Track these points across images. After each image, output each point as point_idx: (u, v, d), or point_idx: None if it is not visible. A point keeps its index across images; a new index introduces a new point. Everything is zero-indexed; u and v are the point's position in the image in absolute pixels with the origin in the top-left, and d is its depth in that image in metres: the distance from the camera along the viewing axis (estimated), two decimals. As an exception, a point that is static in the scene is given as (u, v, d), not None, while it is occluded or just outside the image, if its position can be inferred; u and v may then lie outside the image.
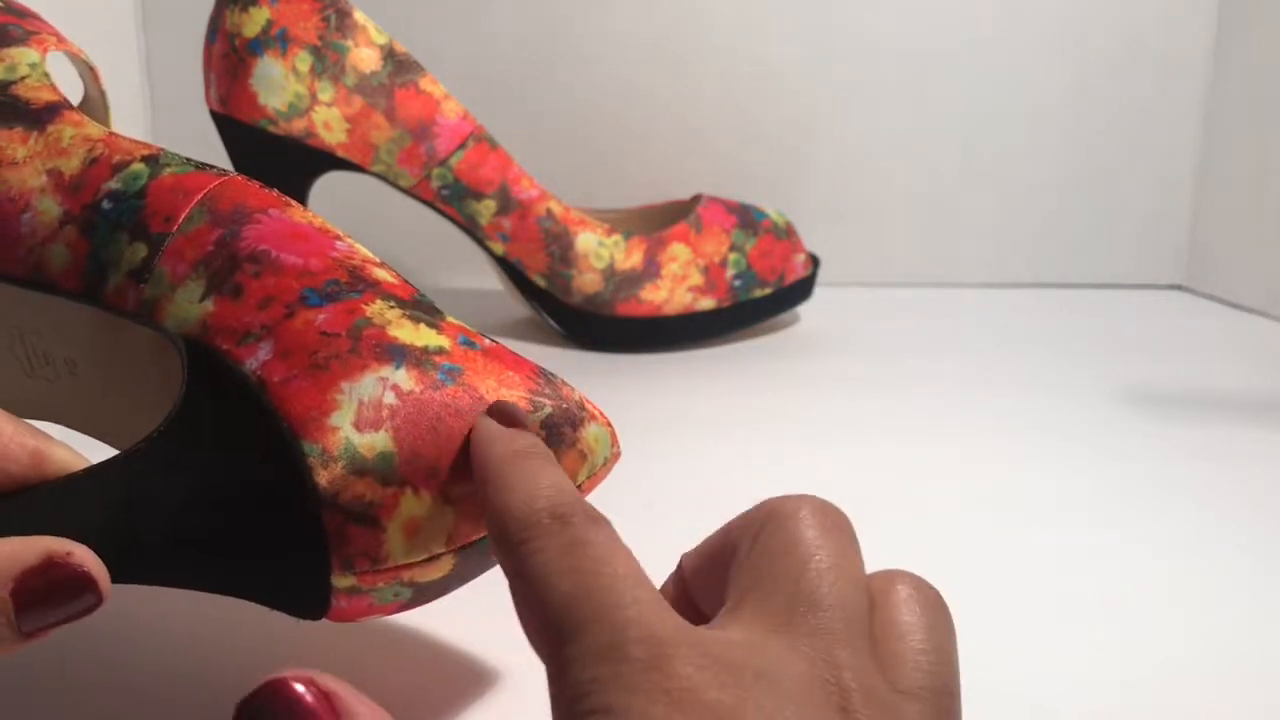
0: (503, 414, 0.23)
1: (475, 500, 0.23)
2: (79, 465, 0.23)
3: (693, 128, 0.76)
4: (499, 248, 0.58)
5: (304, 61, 0.53)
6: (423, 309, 0.26)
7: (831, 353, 0.61)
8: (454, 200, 0.57)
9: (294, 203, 0.27)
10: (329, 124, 0.53)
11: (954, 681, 0.19)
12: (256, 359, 0.23)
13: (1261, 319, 0.71)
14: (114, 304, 0.25)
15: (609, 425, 0.27)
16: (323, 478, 0.22)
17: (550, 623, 0.18)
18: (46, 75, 0.29)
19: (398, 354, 0.24)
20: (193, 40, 0.57)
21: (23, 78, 0.28)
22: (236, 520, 0.22)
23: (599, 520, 0.19)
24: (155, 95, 0.74)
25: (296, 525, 0.22)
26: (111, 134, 0.28)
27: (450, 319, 0.26)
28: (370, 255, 0.27)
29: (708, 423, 0.49)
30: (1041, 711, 0.27)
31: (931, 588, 0.20)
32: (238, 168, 0.55)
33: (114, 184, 0.26)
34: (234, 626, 0.30)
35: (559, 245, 0.58)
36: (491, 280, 0.68)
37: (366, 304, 0.25)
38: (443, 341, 0.25)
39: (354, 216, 0.74)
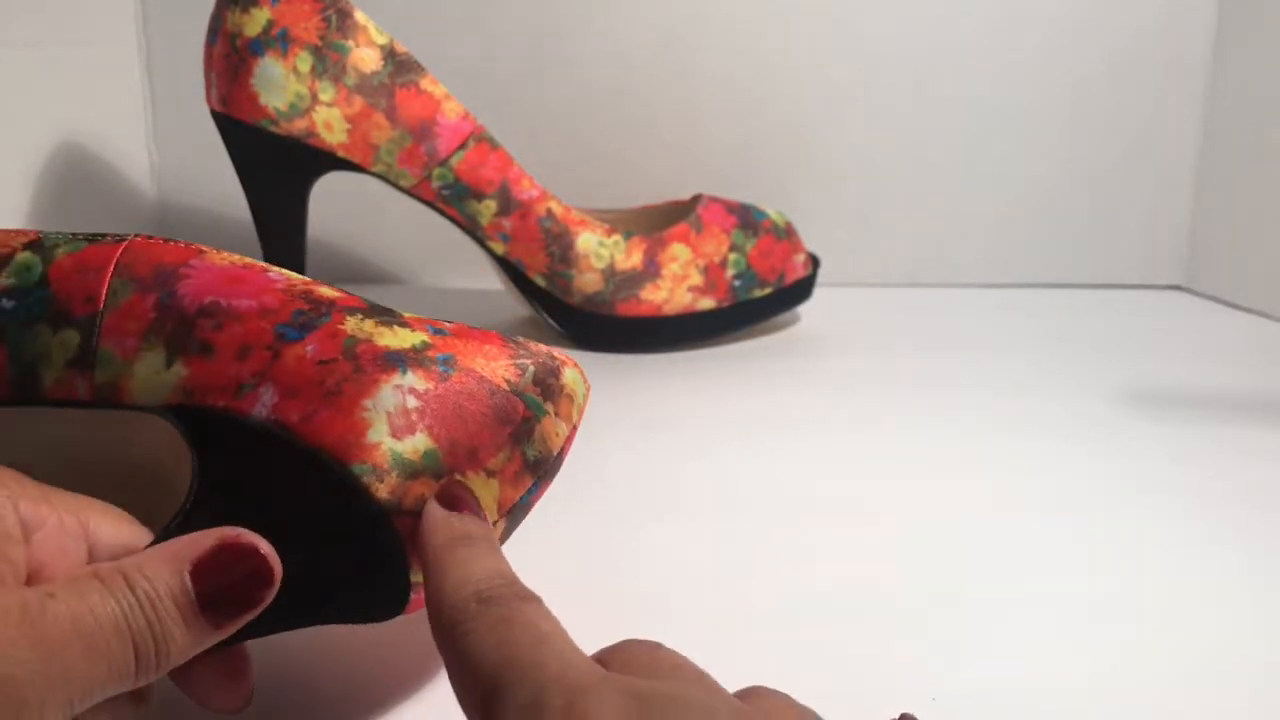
0: (448, 495, 0.24)
1: (510, 467, 0.25)
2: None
3: (693, 128, 0.76)
4: (499, 248, 0.58)
5: (305, 62, 0.53)
6: (383, 313, 0.27)
7: (831, 353, 0.62)
8: (455, 200, 0.57)
9: (205, 248, 0.27)
10: (330, 124, 0.54)
11: None
12: (264, 405, 0.24)
13: (1261, 319, 0.71)
14: (59, 397, 0.24)
15: (575, 365, 0.29)
16: (382, 491, 0.23)
17: (481, 693, 0.18)
18: None
19: (397, 360, 0.25)
20: (193, 40, 0.57)
21: None
22: (311, 559, 0.23)
23: (528, 598, 0.20)
24: (155, 95, 0.74)
25: (371, 542, 0.23)
26: None
27: (407, 314, 0.27)
28: (300, 276, 0.27)
29: (708, 423, 0.49)
30: (1040, 711, 0.27)
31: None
32: (239, 167, 0.55)
33: (8, 280, 0.25)
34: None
35: (559, 245, 0.58)
36: (491, 280, 0.68)
37: (341, 323, 0.25)
38: (422, 336, 0.26)
39: (354, 216, 0.74)
